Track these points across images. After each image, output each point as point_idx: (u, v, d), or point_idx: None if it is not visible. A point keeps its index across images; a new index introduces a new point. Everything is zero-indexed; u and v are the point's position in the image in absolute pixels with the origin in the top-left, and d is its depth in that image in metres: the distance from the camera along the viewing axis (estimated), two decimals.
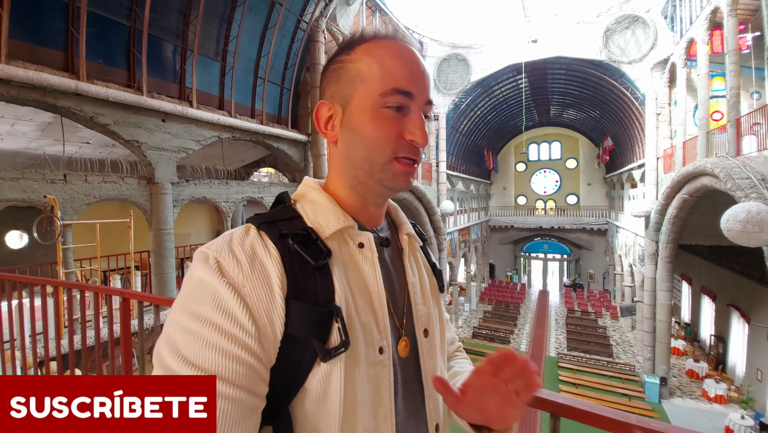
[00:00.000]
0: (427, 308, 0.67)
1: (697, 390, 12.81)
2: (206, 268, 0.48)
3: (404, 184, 0.59)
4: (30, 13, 4.75)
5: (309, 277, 0.52)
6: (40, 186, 4.96)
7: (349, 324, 0.53)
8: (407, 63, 0.56)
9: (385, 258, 0.63)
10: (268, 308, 0.48)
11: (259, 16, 7.43)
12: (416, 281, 0.66)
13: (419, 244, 0.73)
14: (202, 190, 6.78)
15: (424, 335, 0.64)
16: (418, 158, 0.59)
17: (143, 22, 5.66)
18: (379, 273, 0.59)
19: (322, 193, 0.61)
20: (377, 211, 0.65)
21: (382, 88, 0.55)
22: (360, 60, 0.57)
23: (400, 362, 0.60)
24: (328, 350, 0.50)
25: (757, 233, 5.65)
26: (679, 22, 11.75)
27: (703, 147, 9.78)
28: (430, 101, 0.59)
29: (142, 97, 5.72)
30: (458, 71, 16.12)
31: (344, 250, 0.58)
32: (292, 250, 0.52)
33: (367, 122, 0.56)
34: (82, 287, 1.98)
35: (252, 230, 0.54)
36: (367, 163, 0.57)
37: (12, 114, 5.56)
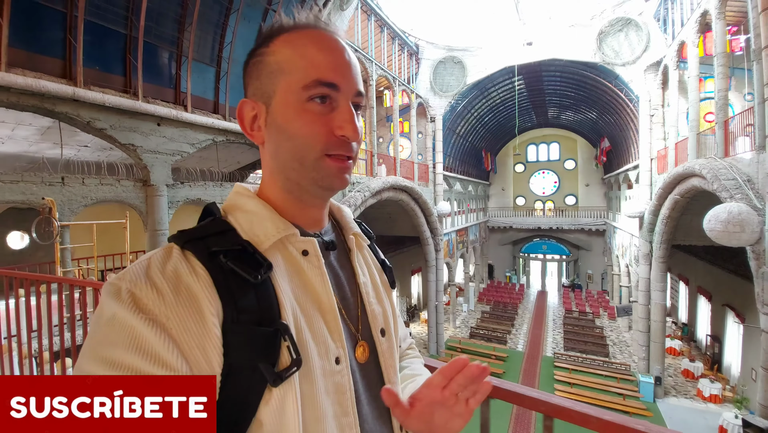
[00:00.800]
0: (382, 306, 0.65)
1: (692, 390, 12.87)
2: (119, 304, 0.42)
3: (339, 183, 0.55)
4: (29, 22, 4.95)
5: (248, 296, 0.47)
6: (39, 188, 5.15)
7: (300, 340, 0.50)
8: (330, 52, 0.53)
9: (332, 262, 0.61)
10: (200, 339, 0.43)
11: (252, 22, 7.62)
12: (367, 280, 0.64)
13: (366, 243, 0.70)
14: (197, 192, 6.97)
15: (381, 335, 0.62)
16: (352, 154, 0.55)
17: (139, 29, 5.86)
18: (328, 280, 0.56)
19: (256, 201, 0.57)
20: (318, 213, 0.61)
21: (304, 81, 0.51)
22: (279, 52, 0.53)
23: (360, 368, 0.58)
24: (278, 373, 0.46)
25: (738, 233, 5.77)
26: (671, 25, 11.87)
27: (694, 148, 9.89)
28: (360, 93, 0.55)
29: (138, 102, 5.91)
30: (454, 74, 16.28)
31: (287, 260, 0.55)
32: (226, 268, 0.47)
33: (291, 119, 0.52)
34: (95, 284, 2.15)
35: (175, 251, 0.48)
36: (297, 163, 0.54)
37: (12, 119, 5.77)
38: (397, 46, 14.73)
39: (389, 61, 14.47)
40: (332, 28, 0.56)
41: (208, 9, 6.77)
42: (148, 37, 6.05)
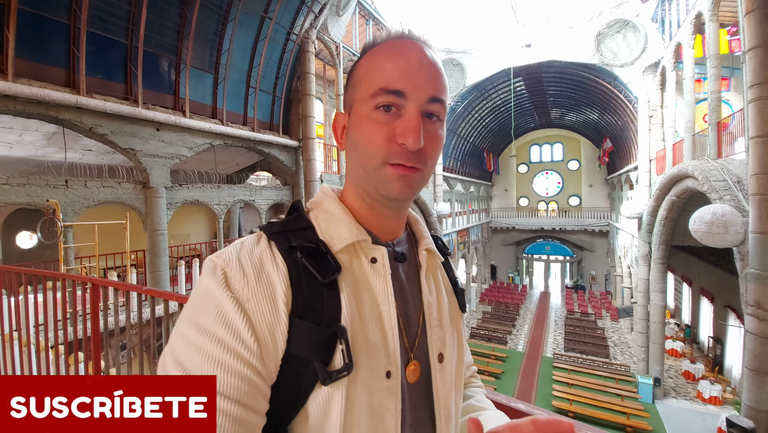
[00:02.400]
0: (444, 330, 0.62)
1: (693, 391, 12.78)
2: (213, 278, 0.47)
3: (398, 192, 0.53)
4: (34, 34, 5.26)
5: (316, 293, 0.50)
6: (44, 191, 5.46)
7: (355, 346, 0.50)
8: (401, 59, 0.52)
9: (400, 274, 0.60)
10: (271, 324, 0.46)
11: (249, 30, 7.88)
12: (433, 300, 0.62)
13: (440, 260, 0.68)
14: (195, 193, 7.24)
15: (438, 360, 0.60)
16: (417, 163, 0.53)
17: (139, 39, 6.15)
18: (391, 291, 0.55)
19: (336, 203, 0.59)
20: (393, 222, 0.61)
21: (371, 90, 0.52)
22: (361, 65, 0.56)
23: (409, 388, 0.56)
24: (329, 372, 0.47)
25: (721, 234, 5.83)
26: (668, 26, 11.87)
27: (690, 149, 9.89)
28: (436, 98, 0.53)
29: (138, 108, 6.19)
30: (453, 75, 16.42)
31: (356, 265, 0.55)
32: (300, 264, 0.50)
33: (358, 127, 0.54)
34: (111, 284, 2.38)
35: (263, 240, 0.52)
36: (362, 170, 0.55)
37: (20, 125, 6.10)
38: None
39: None
40: (415, 36, 0.56)
41: (206, 18, 7.05)
42: (147, 46, 6.34)
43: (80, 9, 5.46)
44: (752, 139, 5.62)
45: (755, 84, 5.60)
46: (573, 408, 11.22)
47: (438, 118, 0.55)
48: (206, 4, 6.90)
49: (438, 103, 0.53)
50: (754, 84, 5.62)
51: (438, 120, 0.55)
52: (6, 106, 4.97)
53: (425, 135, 0.52)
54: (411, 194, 0.55)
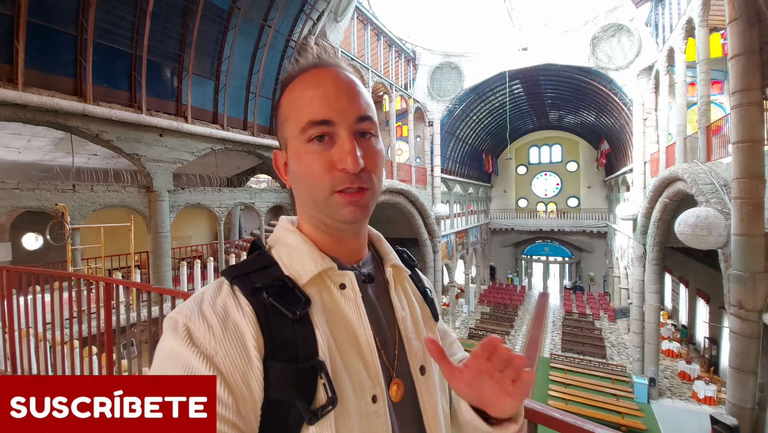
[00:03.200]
0: (421, 342, 0.63)
1: (688, 391, 12.92)
2: (175, 337, 0.46)
3: (352, 216, 0.54)
4: (43, 45, 5.50)
5: (288, 331, 0.49)
6: (53, 195, 5.70)
7: (336, 377, 0.50)
8: (319, 86, 0.54)
9: (370, 295, 0.60)
10: (244, 373, 0.45)
11: (249, 37, 8.13)
12: (406, 314, 0.63)
13: (407, 273, 0.69)
14: (197, 196, 7.48)
15: (420, 373, 0.60)
16: (363, 184, 0.54)
17: (143, 49, 6.39)
18: (364, 315, 0.56)
19: (297, 235, 0.59)
20: (353, 244, 0.61)
21: (299, 125, 0.53)
22: (283, 103, 0.57)
23: (395, 408, 0.56)
24: (314, 411, 0.46)
25: (705, 236, 6.02)
26: (662, 31, 12.06)
27: (682, 152, 10.06)
28: (364, 117, 0.55)
29: (142, 115, 6.44)
30: (451, 79, 16.63)
31: (325, 294, 0.55)
32: (268, 304, 0.49)
33: (297, 162, 0.55)
34: (126, 283, 2.61)
35: (225, 286, 0.52)
36: (311, 202, 0.56)
37: (29, 131, 6.35)
38: (394, 53, 15.15)
39: (386, 68, 14.89)
40: (330, 61, 0.57)
41: (207, 27, 7.29)
42: (151, 55, 6.58)
43: (87, 21, 5.70)
44: (734, 145, 5.82)
45: (737, 91, 5.80)
46: (569, 408, 11.37)
47: (371, 134, 0.56)
48: (207, 14, 7.15)
49: (367, 121, 0.55)
50: (735, 91, 5.82)
51: (372, 136, 0.56)
52: (16, 114, 5.22)
53: (363, 154, 0.53)
54: (365, 215, 0.56)
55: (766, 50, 5.81)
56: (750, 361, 5.80)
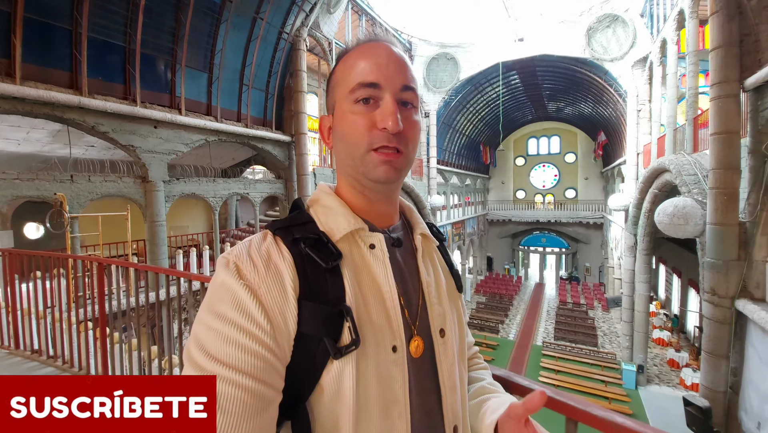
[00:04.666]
0: (443, 307, 0.66)
1: (676, 378, 13.21)
2: (227, 272, 0.52)
3: (385, 175, 0.58)
4: (39, 40, 5.66)
5: (320, 278, 0.54)
6: (51, 185, 5.93)
7: (360, 323, 0.54)
8: (372, 55, 0.58)
9: (398, 258, 0.64)
10: (282, 307, 0.51)
11: (242, 31, 8.24)
12: (431, 280, 0.67)
13: (435, 244, 0.73)
14: (191, 187, 7.70)
15: (440, 335, 0.64)
16: (399, 146, 0.58)
17: (136, 42, 6.54)
18: (391, 273, 0.60)
19: (333, 197, 0.64)
20: (386, 209, 0.66)
21: (349, 87, 0.58)
22: (337, 70, 0.62)
23: (413, 362, 0.60)
24: (339, 348, 0.51)
25: (682, 225, 6.19)
26: (656, 22, 12.04)
27: (671, 143, 10.17)
28: (407, 87, 0.59)
29: (136, 107, 6.62)
30: (447, 70, 16.65)
31: (355, 252, 0.60)
32: (304, 253, 0.55)
33: (342, 121, 0.59)
34: (133, 265, 2.84)
35: (269, 236, 0.57)
36: (350, 159, 0.60)
37: (27, 123, 6.55)
38: None
39: None
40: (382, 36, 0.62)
41: (200, 21, 7.41)
42: (145, 48, 6.74)
43: (81, 16, 5.85)
44: (711, 136, 5.95)
45: (715, 83, 5.91)
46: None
47: (412, 105, 0.61)
48: (199, 7, 7.27)
49: (410, 91, 0.59)
50: (714, 83, 5.93)
51: (412, 107, 0.61)
52: (15, 107, 5.41)
53: (403, 120, 0.57)
54: (397, 176, 0.60)
55: (746, 42, 5.91)
56: (722, 346, 6.03)
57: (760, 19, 5.65)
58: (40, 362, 3.17)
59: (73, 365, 3.04)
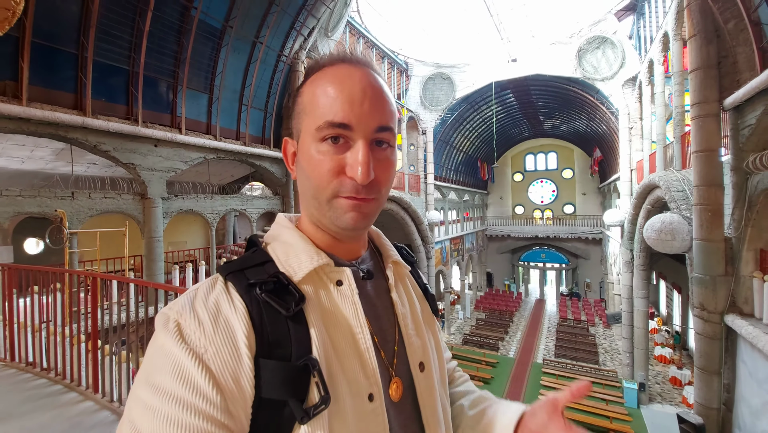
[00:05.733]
0: (421, 339, 0.62)
1: (678, 397, 13.00)
2: (166, 333, 0.45)
3: (353, 223, 0.52)
4: (46, 63, 5.96)
5: (281, 328, 0.48)
6: (53, 202, 6.11)
7: (331, 375, 0.48)
8: (345, 87, 0.51)
9: (369, 292, 0.59)
10: (234, 371, 0.44)
11: (242, 54, 8.60)
12: (406, 311, 0.62)
13: (407, 269, 0.68)
14: (189, 203, 7.88)
15: (420, 369, 0.59)
16: (369, 194, 0.52)
17: (140, 65, 6.85)
18: (361, 311, 0.54)
19: (294, 232, 0.58)
20: (353, 245, 0.60)
21: (316, 122, 0.51)
22: (305, 92, 0.54)
23: (393, 407, 0.55)
24: (306, 409, 0.45)
25: (669, 240, 6.29)
26: (643, 43, 12.46)
27: (662, 160, 10.37)
28: (384, 127, 0.52)
29: (138, 127, 6.87)
30: (443, 89, 17.10)
31: (321, 291, 0.54)
32: (261, 300, 0.48)
33: (308, 158, 0.53)
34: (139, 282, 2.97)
35: (218, 283, 0.50)
36: (315, 201, 0.54)
37: (31, 142, 6.79)
38: (387, 65, 15.67)
39: None
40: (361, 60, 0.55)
41: (201, 45, 7.76)
42: (147, 71, 7.04)
43: (87, 40, 6.17)
44: (693, 154, 6.13)
45: (696, 103, 6.12)
46: None
47: (388, 145, 0.54)
48: (201, 32, 7.62)
49: (387, 132, 0.53)
50: (694, 103, 6.15)
51: (388, 146, 0.55)
52: (21, 127, 5.65)
53: (376, 164, 0.52)
54: (366, 223, 0.54)
55: (724, 64, 6.15)
56: (713, 361, 6.02)
57: (737, 41, 5.90)
58: (33, 374, 3.25)
59: (65, 377, 3.12)
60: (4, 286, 3.63)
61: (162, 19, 6.98)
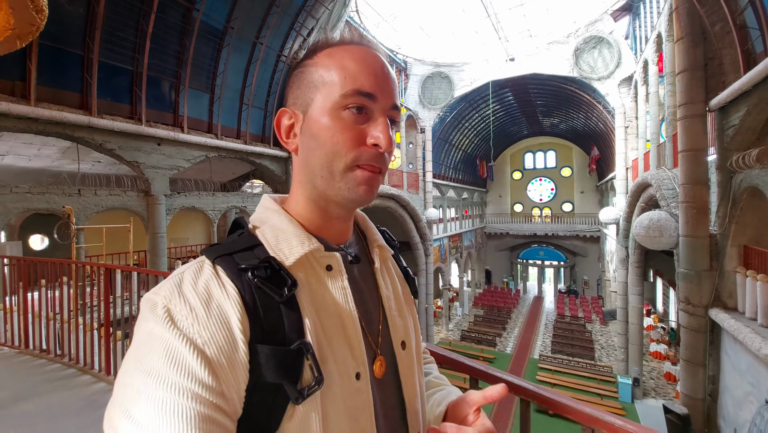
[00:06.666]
0: (403, 319, 0.65)
1: (672, 392, 13.20)
2: (155, 318, 0.43)
3: (364, 195, 0.54)
4: (53, 64, 6.15)
5: (274, 314, 0.48)
6: (60, 198, 6.32)
7: (322, 357, 0.50)
8: (370, 65, 0.53)
9: (356, 276, 0.60)
10: (229, 355, 0.44)
11: (242, 54, 8.78)
12: (390, 294, 0.65)
13: (390, 253, 0.70)
14: (191, 200, 8.09)
15: (402, 348, 0.62)
16: (384, 166, 0.55)
17: (143, 66, 7.04)
18: (350, 296, 0.55)
19: (282, 216, 0.57)
20: (343, 225, 0.61)
21: (342, 90, 0.51)
22: (321, 63, 0.54)
23: (377, 383, 0.57)
24: (300, 390, 0.46)
25: (657, 237, 6.49)
26: (639, 43, 12.61)
27: (655, 159, 10.54)
28: (395, 106, 0.55)
29: (142, 126, 7.07)
30: (442, 88, 17.26)
31: (311, 276, 0.54)
32: (253, 285, 0.48)
33: (326, 126, 0.52)
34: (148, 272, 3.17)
35: (206, 266, 0.49)
36: (326, 171, 0.53)
37: (39, 141, 7.00)
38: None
39: None
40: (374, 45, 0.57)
41: (203, 46, 7.95)
42: (151, 71, 7.24)
43: (93, 42, 6.36)
44: (680, 153, 6.31)
45: (682, 104, 6.30)
46: None
47: (395, 123, 0.57)
48: (203, 33, 7.81)
49: (396, 111, 0.56)
50: (681, 104, 6.33)
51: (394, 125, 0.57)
52: (29, 126, 5.85)
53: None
54: (373, 197, 0.56)
55: (711, 66, 6.33)
56: (698, 353, 6.23)
57: (723, 43, 6.08)
58: (47, 360, 3.46)
59: (78, 362, 3.34)
60: (17, 278, 3.84)
61: (165, 20, 7.17)
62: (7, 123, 5.62)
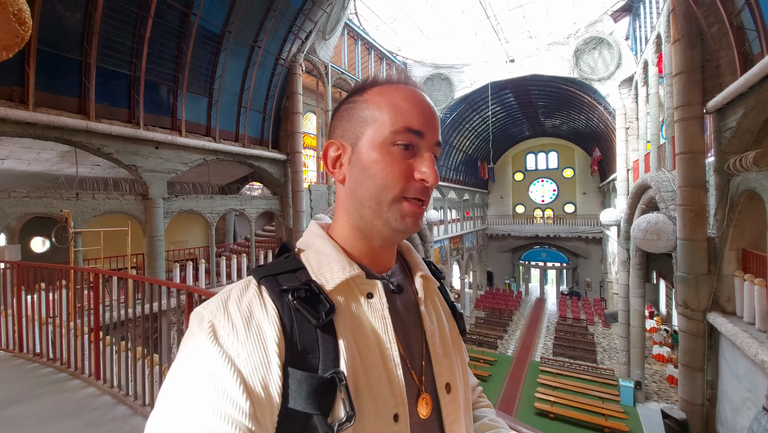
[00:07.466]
0: (449, 360, 0.61)
1: (674, 395, 13.07)
2: (200, 332, 0.46)
3: (412, 226, 0.55)
4: (51, 70, 6.21)
5: (309, 338, 0.48)
6: (58, 202, 6.38)
7: (357, 390, 0.48)
8: (418, 104, 0.56)
9: (398, 307, 0.59)
10: (264, 377, 0.44)
11: (240, 57, 8.83)
12: (435, 329, 0.62)
13: (436, 285, 0.69)
14: (189, 203, 8.13)
15: (446, 390, 0.59)
16: (427, 199, 0.56)
17: (141, 70, 7.10)
18: (391, 327, 0.54)
19: (327, 241, 0.58)
20: (387, 254, 0.61)
21: (393, 127, 0.54)
22: (372, 100, 0.57)
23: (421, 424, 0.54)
24: (330, 425, 0.44)
25: (655, 240, 6.43)
26: (639, 44, 12.54)
27: (655, 160, 10.46)
28: (439, 143, 0.58)
29: (139, 130, 7.12)
30: (442, 89, 17.26)
31: (351, 303, 0.54)
32: (292, 307, 0.49)
33: (375, 159, 0.55)
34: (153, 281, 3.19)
35: (252, 285, 0.51)
36: (374, 202, 0.55)
37: (38, 145, 7.06)
38: (385, 66, 15.83)
39: None
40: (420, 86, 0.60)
41: (201, 50, 8.00)
42: (148, 76, 7.29)
43: (90, 47, 6.41)
44: (677, 156, 6.26)
45: (679, 106, 6.26)
46: (554, 409, 11.60)
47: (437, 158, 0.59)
48: (200, 38, 7.86)
49: (439, 147, 0.58)
50: (678, 106, 6.28)
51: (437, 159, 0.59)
52: (28, 131, 5.91)
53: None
54: (419, 228, 0.58)
55: (708, 68, 6.28)
56: (697, 358, 6.17)
57: (720, 45, 6.03)
58: (40, 364, 3.49)
59: (70, 366, 3.37)
60: (13, 282, 3.88)
61: (162, 25, 7.22)
62: (5, 128, 5.68)
